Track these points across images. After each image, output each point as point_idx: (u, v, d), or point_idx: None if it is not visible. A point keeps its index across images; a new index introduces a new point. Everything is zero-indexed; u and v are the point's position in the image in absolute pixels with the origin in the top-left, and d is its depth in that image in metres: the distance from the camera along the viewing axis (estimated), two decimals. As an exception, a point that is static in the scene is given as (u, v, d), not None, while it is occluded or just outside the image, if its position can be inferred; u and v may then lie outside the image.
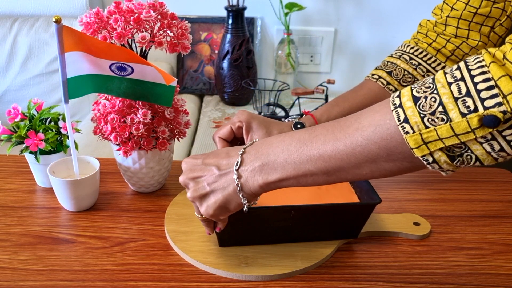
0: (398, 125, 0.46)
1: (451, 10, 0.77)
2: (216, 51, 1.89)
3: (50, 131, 0.82)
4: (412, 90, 0.47)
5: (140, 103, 0.76)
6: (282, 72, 1.90)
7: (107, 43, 0.70)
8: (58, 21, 0.64)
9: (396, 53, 0.84)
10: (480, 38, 0.76)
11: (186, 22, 0.76)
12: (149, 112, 0.75)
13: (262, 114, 1.70)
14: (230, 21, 1.75)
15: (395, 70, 0.80)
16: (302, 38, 1.94)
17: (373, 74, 0.83)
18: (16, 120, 0.82)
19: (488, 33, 0.76)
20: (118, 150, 0.78)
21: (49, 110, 0.84)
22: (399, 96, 0.48)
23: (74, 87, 0.72)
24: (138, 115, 0.75)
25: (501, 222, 0.81)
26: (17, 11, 1.82)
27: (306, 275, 0.68)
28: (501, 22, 0.74)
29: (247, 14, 1.81)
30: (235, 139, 0.76)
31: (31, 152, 0.82)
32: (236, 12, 1.74)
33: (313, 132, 0.53)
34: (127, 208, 0.82)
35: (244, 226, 0.69)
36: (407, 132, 0.46)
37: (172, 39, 0.74)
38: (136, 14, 0.72)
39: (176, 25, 0.75)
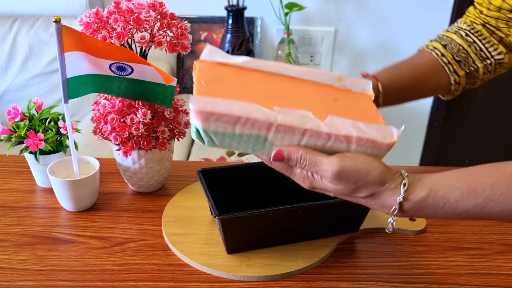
0: None
1: (489, 4, 0.78)
2: (216, 51, 1.89)
3: (50, 131, 0.81)
4: None
5: (140, 103, 0.76)
6: (282, 72, 1.90)
7: (106, 43, 0.70)
8: (57, 21, 0.64)
9: (451, 28, 0.84)
10: None
11: (186, 22, 0.76)
12: (149, 112, 0.75)
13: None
14: (230, 21, 1.75)
15: (450, 43, 0.80)
16: (302, 38, 1.94)
17: (428, 46, 0.83)
18: (16, 120, 0.82)
19: None
20: (118, 150, 0.78)
21: (49, 110, 0.84)
22: None
23: (73, 87, 0.72)
24: (138, 115, 0.75)
25: (501, 222, 0.81)
26: (17, 11, 1.82)
27: (306, 275, 0.68)
28: None
29: (247, 14, 1.81)
30: None
31: (31, 152, 0.82)
32: (236, 12, 1.74)
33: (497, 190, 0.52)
34: (127, 208, 0.82)
35: (252, 230, 0.69)
36: None
37: (172, 39, 0.74)
38: (136, 14, 0.72)
39: (175, 25, 0.75)
